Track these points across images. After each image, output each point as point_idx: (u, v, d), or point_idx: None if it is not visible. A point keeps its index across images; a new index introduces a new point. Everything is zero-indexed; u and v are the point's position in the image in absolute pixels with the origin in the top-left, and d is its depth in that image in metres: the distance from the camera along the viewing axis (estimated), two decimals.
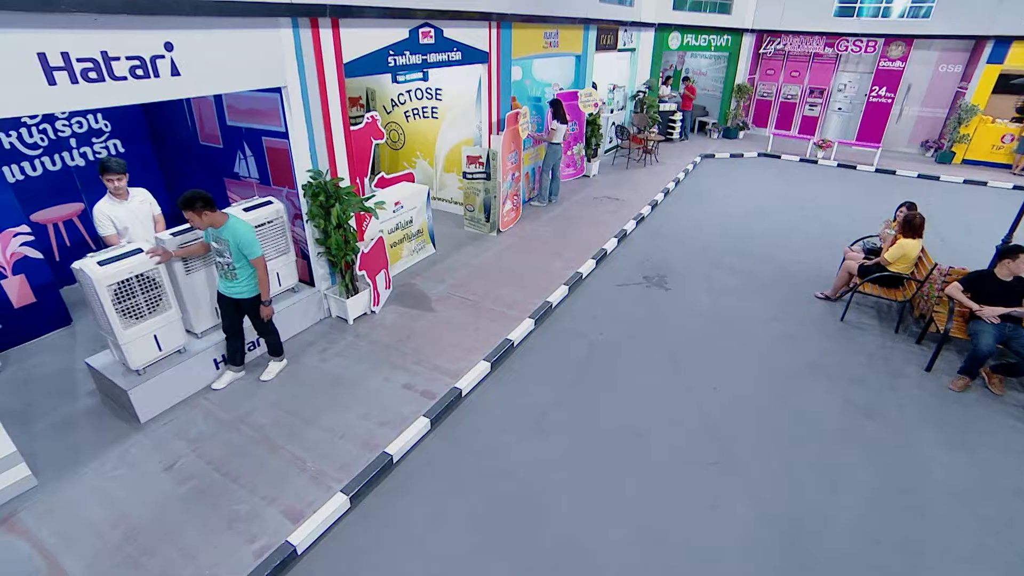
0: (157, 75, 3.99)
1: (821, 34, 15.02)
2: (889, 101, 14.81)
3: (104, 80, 3.70)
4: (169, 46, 4.01)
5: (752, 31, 15.70)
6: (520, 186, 9.13)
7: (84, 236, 6.91)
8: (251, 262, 4.40)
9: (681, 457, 4.46)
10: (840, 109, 15.85)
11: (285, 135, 5.54)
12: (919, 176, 13.25)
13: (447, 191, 9.46)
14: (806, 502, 4.05)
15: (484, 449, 4.49)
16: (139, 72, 3.88)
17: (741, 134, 16.83)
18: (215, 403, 4.83)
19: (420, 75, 8.73)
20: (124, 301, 4.28)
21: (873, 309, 6.85)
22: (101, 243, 6.79)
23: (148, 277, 4.39)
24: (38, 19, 3.31)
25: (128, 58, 3.80)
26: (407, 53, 6.37)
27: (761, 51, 16.15)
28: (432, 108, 9.00)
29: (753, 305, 6.88)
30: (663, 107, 15.08)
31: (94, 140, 6.80)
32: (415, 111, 9.19)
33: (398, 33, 6.12)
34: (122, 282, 4.24)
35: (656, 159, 13.61)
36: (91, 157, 6.79)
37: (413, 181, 7.59)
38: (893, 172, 13.52)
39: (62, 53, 3.46)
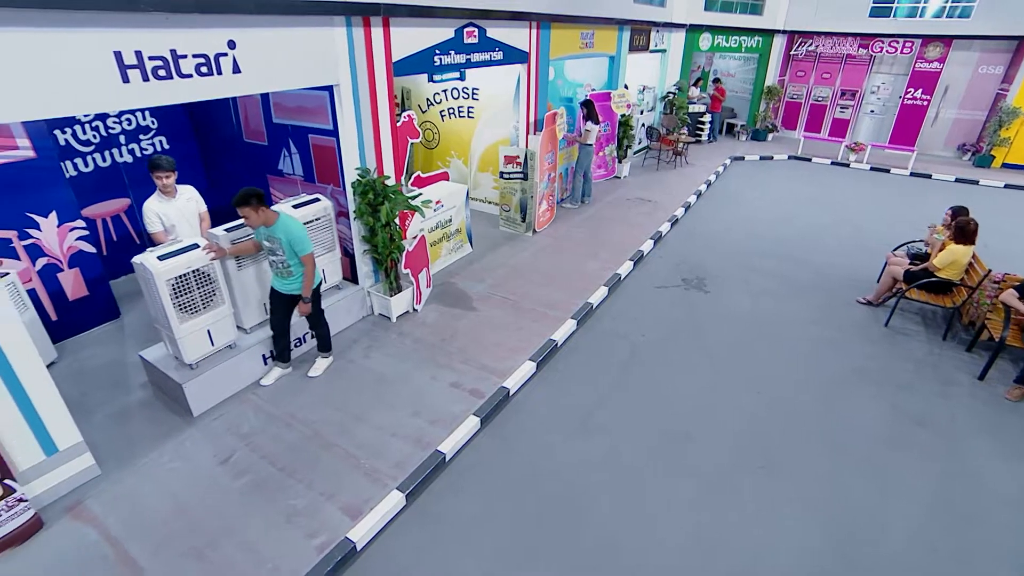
0: (220, 72, 4.04)
1: (855, 35, 14.81)
2: (925, 103, 14.57)
3: (172, 78, 3.75)
4: (232, 44, 4.06)
5: (783, 32, 15.52)
6: (555, 187, 9.10)
7: (130, 231, 7.02)
8: (301, 259, 4.44)
9: (727, 460, 4.42)
10: (872, 111, 15.62)
11: (332, 133, 5.57)
12: (956, 180, 13.00)
13: (481, 191, 9.47)
14: (858, 508, 3.99)
15: (532, 449, 4.49)
16: (204, 70, 3.93)
17: (770, 136, 16.66)
18: (264, 398, 4.87)
19: (457, 75, 8.71)
20: (181, 296, 4.34)
21: (918, 315, 6.74)
22: (146, 239, 6.92)
23: (203, 273, 4.45)
24: (116, 18, 3.37)
25: (194, 56, 3.85)
26: (452, 52, 6.38)
27: (792, 52, 15.97)
28: (468, 108, 9.01)
29: (793, 309, 6.81)
30: (692, 108, 14.96)
31: (141, 137, 6.91)
32: (451, 110, 9.21)
33: (444, 33, 6.14)
34: (179, 277, 4.29)
35: (686, 161, 13.51)
36: (138, 154, 6.90)
37: (448, 180, 7.60)
38: (929, 176, 13.29)
39: (136, 52, 3.52)
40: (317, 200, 5.37)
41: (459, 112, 9.13)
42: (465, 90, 8.93)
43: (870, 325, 6.54)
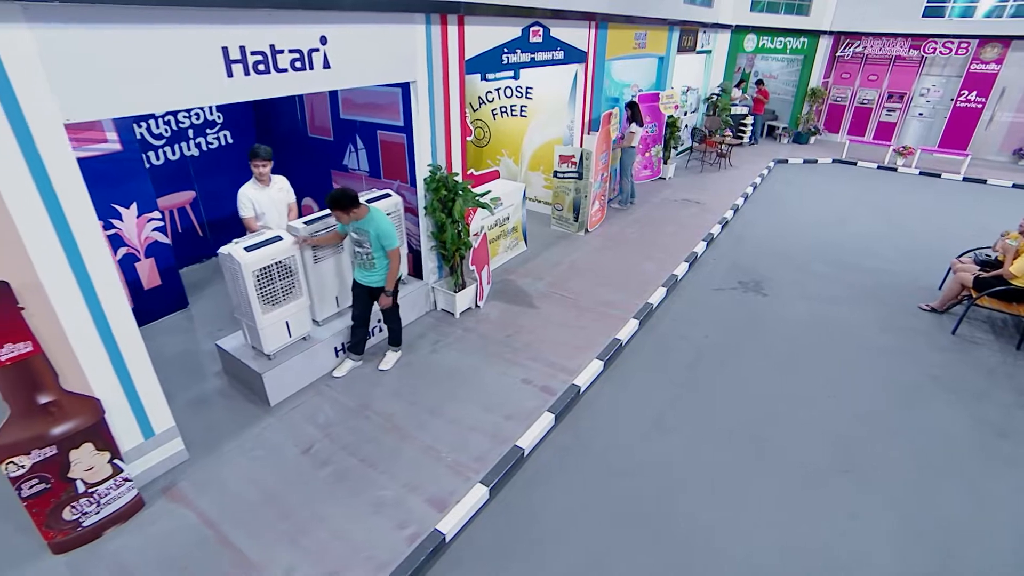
0: (311, 67, 4.10)
1: (906, 36, 14.49)
2: (979, 106, 14.21)
3: (270, 72, 3.82)
4: (324, 40, 4.12)
5: (830, 33, 15.26)
6: (606, 187, 9.09)
7: (193, 223, 7.17)
8: (387, 252, 4.49)
9: (807, 463, 4.37)
10: (921, 114, 15.29)
11: (403, 129, 5.63)
12: (1014, 186, 12.66)
13: (531, 190, 9.48)
14: (954, 518, 3.91)
15: (608, 446, 4.49)
16: (297, 64, 4.00)
17: (812, 140, 16.40)
18: (337, 390, 4.94)
19: (511, 73, 8.76)
20: (264, 287, 4.42)
21: (987, 323, 6.59)
22: (207, 230, 7.07)
23: (285, 265, 4.52)
24: (225, 14, 3.44)
25: (290, 51, 3.92)
26: (518, 51, 6.41)
27: (838, 54, 15.69)
28: (521, 107, 9.03)
29: (854, 314, 6.70)
30: (734, 110, 14.81)
31: (208, 131, 7.05)
32: (503, 109, 9.24)
33: (512, 32, 6.17)
34: (264, 268, 4.36)
35: (729, 163, 13.38)
36: (204, 148, 7.04)
37: (499, 178, 7.64)
38: (983, 181, 12.97)
39: (240, 47, 3.59)
40: (388, 195, 5.43)
41: (511, 111, 9.15)
42: (519, 89, 8.96)
43: (936, 332, 6.40)
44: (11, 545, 3.45)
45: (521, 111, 9.09)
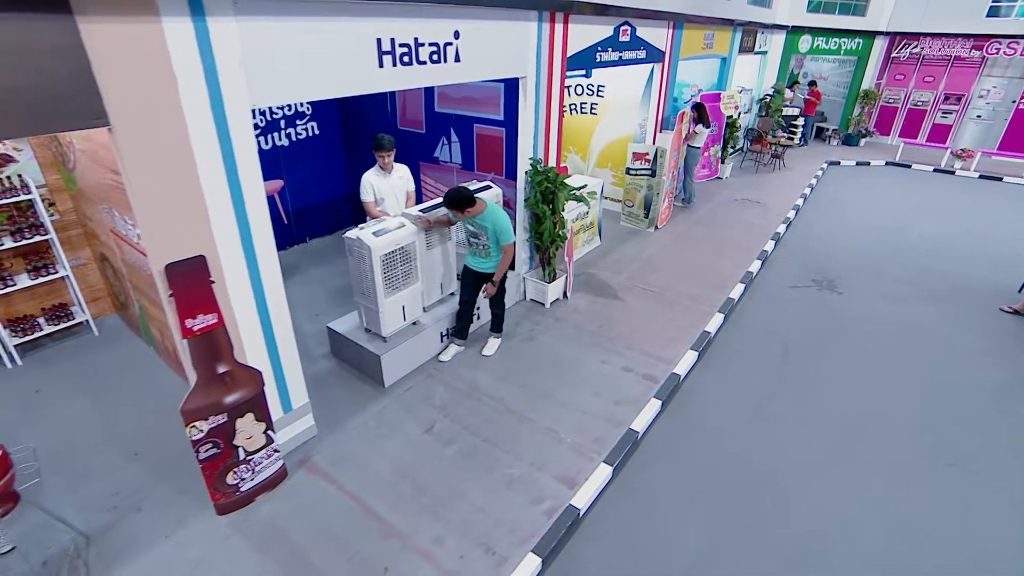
0: (445, 61, 4.27)
1: (968, 36, 14.28)
2: None
3: (412, 64, 3.99)
4: (457, 34, 4.28)
5: (886, 33, 15.10)
6: (675, 185, 9.16)
7: (280, 211, 7.41)
8: (502, 247, 4.64)
9: (911, 455, 4.42)
10: (979, 116, 15.05)
11: (502, 123, 5.79)
12: None
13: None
14: None
15: (714, 433, 4.58)
16: (434, 57, 4.16)
17: (862, 142, 16.24)
18: (446, 374, 5.10)
19: (583, 72, 8.88)
20: (388, 271, 4.59)
21: None
22: (291, 218, 7.30)
23: (407, 251, 4.69)
24: (380, 8, 3.62)
25: (429, 44, 4.09)
26: (609, 50, 6.53)
27: (893, 55, 15.52)
28: (592, 104, 9.15)
29: (934, 314, 6.68)
30: (785, 111, 14.74)
31: (297, 123, 7.30)
32: (573, 106, 9.36)
33: (605, 31, 6.30)
34: (389, 253, 4.54)
35: (783, 163, 13.34)
36: (293, 138, 7.29)
37: (567, 174, 7.74)
38: None
39: (391, 39, 3.77)
40: (489, 187, 5.57)
41: (581, 108, 9.28)
42: (590, 87, 9.07)
43: (1022, 334, 6.38)
44: (176, 505, 3.67)
45: (591, 109, 9.20)
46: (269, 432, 3.65)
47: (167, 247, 2.98)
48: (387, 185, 5.16)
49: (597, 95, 9.08)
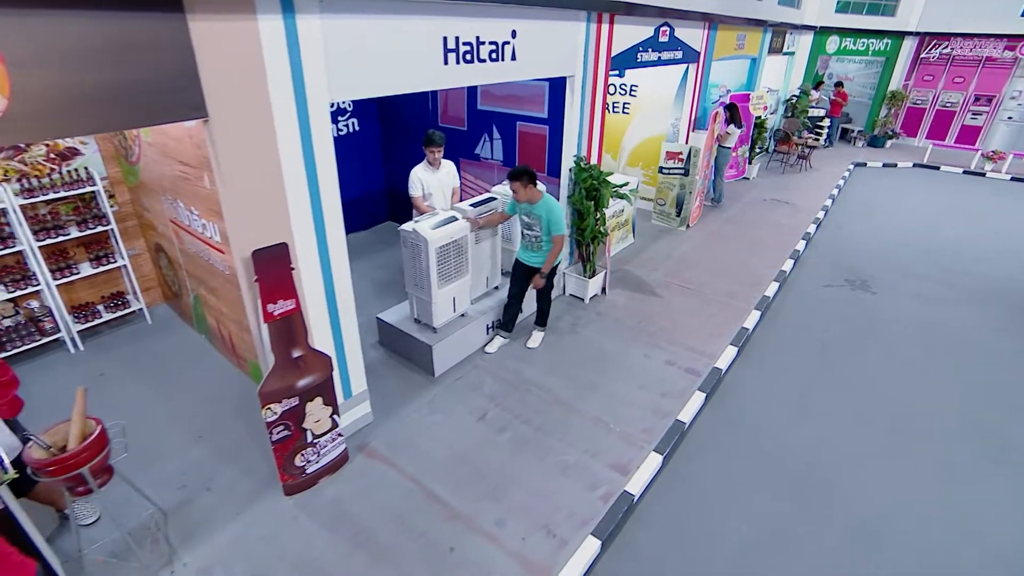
0: (502, 59, 4.39)
1: (1000, 36, 14.14)
2: None
3: (473, 62, 4.12)
4: (514, 34, 4.40)
5: (915, 34, 15.01)
6: (706, 185, 9.23)
7: None
8: (552, 238, 4.75)
9: (957, 452, 4.46)
10: (1010, 118, 14.92)
11: (545, 121, 5.89)
12: None
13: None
14: None
15: (757, 426, 4.66)
16: (493, 55, 4.29)
17: (888, 143, 16.15)
18: (492, 365, 5.22)
19: (616, 72, 8.95)
20: (443, 263, 4.71)
21: None
22: None
23: (460, 244, 4.81)
24: (447, 7, 3.75)
25: (489, 43, 4.21)
26: (649, 50, 6.62)
27: (922, 55, 15.42)
28: (624, 104, 9.23)
29: (972, 315, 6.69)
30: (811, 112, 14.70)
31: (339, 119, 7.45)
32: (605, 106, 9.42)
33: (646, 32, 6.40)
34: (444, 246, 4.66)
35: (810, 164, 13.33)
36: (335, 133, 7.43)
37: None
38: None
39: (455, 37, 3.90)
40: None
41: (614, 108, 9.36)
42: (623, 87, 9.16)
43: None
44: (242, 486, 3.82)
45: (624, 108, 9.29)
46: (334, 416, 3.79)
47: (251, 235, 3.13)
48: (435, 180, 5.29)
49: (630, 94, 9.17)
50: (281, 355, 3.32)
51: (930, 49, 15.35)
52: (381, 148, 8.13)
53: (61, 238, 5.11)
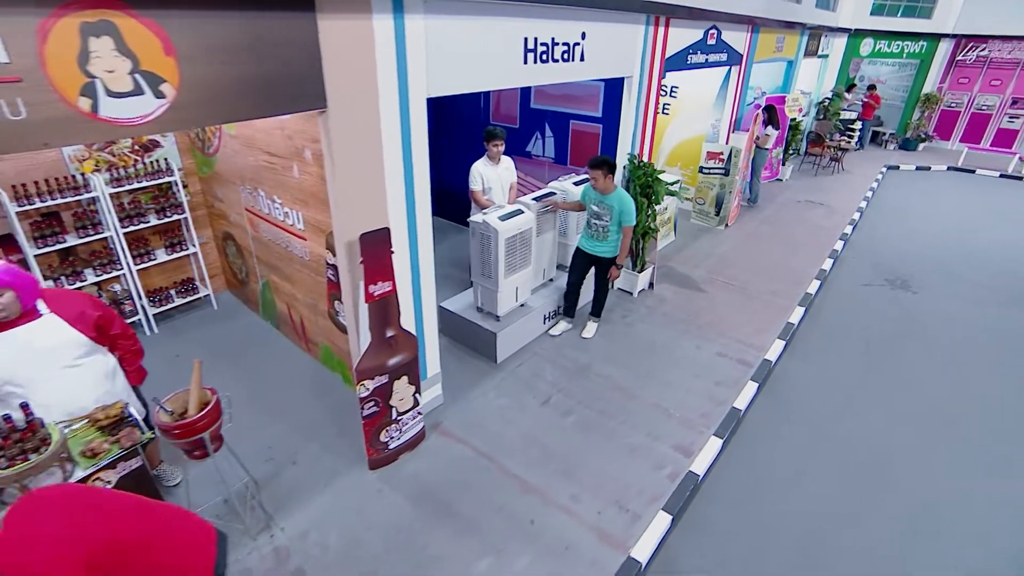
0: (572, 59, 4.59)
1: None
2: None
3: (548, 62, 4.33)
4: (583, 35, 4.61)
5: (952, 36, 14.95)
6: (743, 185, 9.36)
7: None
8: (623, 228, 4.94)
9: (1010, 448, 4.56)
10: None
11: (599, 120, 6.08)
12: None
13: None
14: None
15: (809, 415, 4.81)
16: (565, 56, 4.49)
17: (921, 146, 16.11)
18: (550, 353, 5.42)
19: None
20: (510, 254, 4.92)
21: None
22: None
23: (525, 236, 5.02)
24: (529, 9, 3.96)
25: (562, 44, 4.41)
26: (698, 52, 6.79)
27: (958, 58, 15.36)
28: (664, 104, 9.38)
29: (1013, 317, 6.75)
30: (843, 115, 14.72)
31: None
32: None
33: (696, 34, 6.57)
34: (512, 237, 4.87)
35: (842, 167, 13.37)
36: None
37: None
38: None
39: (534, 38, 4.10)
40: (584, 182, 5.87)
41: None
42: (663, 87, 9.31)
43: None
44: (325, 461, 4.05)
45: (664, 109, 9.44)
46: (416, 395, 4.01)
47: (353, 220, 3.35)
48: (495, 175, 5.50)
49: (670, 95, 9.32)
50: (377, 334, 3.54)
51: (966, 51, 15.29)
52: (432, 144, 8.32)
53: (142, 225, 5.39)
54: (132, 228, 5.31)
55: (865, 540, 3.67)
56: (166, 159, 5.48)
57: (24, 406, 2.62)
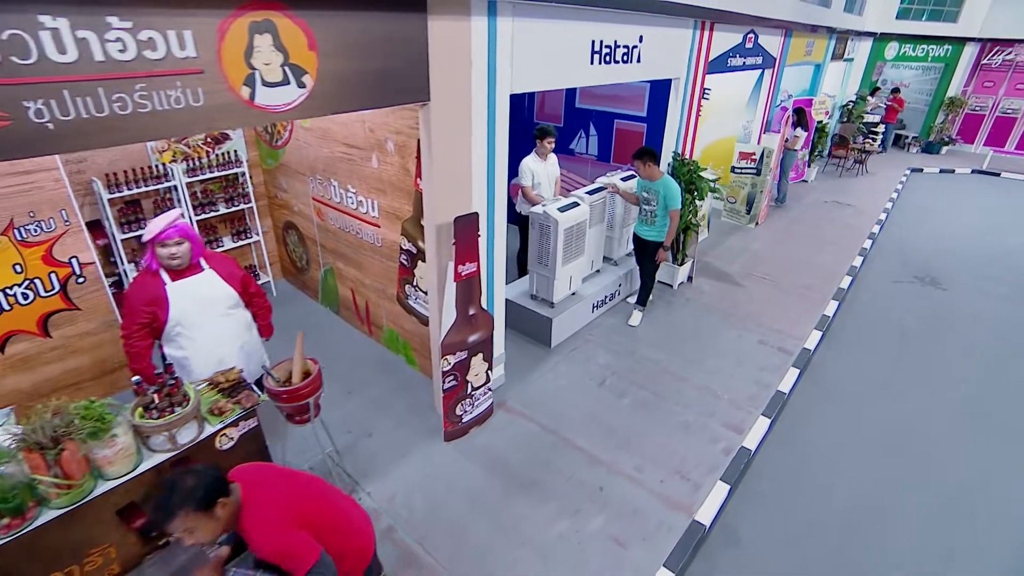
0: (629, 61, 4.87)
1: None
2: None
3: (610, 63, 4.61)
4: (641, 39, 4.89)
5: (978, 40, 15.07)
6: (773, 185, 9.60)
7: None
8: (670, 212, 5.22)
9: None
10: None
11: (644, 119, 6.35)
12: None
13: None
14: None
15: (850, 400, 5.05)
16: (624, 57, 4.77)
17: (944, 150, 16.24)
18: (600, 339, 5.69)
19: None
20: (568, 244, 5.21)
21: None
22: None
23: (580, 227, 5.30)
24: (596, 14, 4.24)
25: (623, 46, 4.69)
26: (737, 55, 7.04)
27: (984, 61, 15.48)
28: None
29: None
30: (867, 118, 14.87)
31: None
32: None
33: (735, 39, 6.83)
34: (570, 227, 5.16)
35: (866, 169, 13.55)
36: None
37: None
38: None
39: (600, 40, 4.39)
40: (633, 176, 6.15)
41: None
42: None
43: None
44: (399, 433, 4.33)
45: None
46: (489, 372, 4.29)
47: (442, 207, 3.65)
48: (543, 170, 5.78)
49: (703, 97, 9.55)
50: (461, 312, 3.84)
51: (992, 55, 15.40)
52: None
53: (212, 213, 5.71)
54: (204, 216, 5.63)
55: (908, 521, 3.90)
56: (235, 151, 5.80)
57: (168, 366, 2.93)
